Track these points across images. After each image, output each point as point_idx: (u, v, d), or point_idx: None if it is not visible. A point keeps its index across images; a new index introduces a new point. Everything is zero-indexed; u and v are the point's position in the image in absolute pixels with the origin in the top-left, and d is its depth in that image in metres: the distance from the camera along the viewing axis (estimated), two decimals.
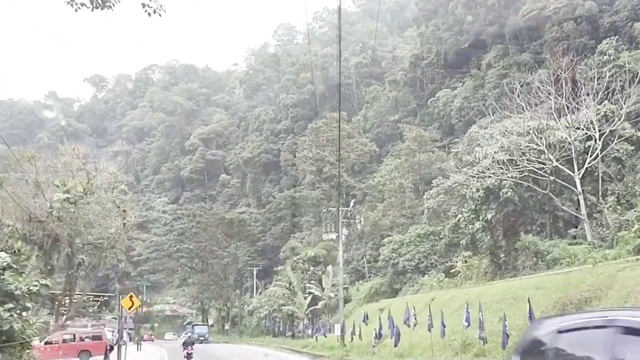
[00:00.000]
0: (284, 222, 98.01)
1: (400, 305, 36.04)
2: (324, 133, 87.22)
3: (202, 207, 70.42)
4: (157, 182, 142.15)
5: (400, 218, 66.28)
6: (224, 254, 65.22)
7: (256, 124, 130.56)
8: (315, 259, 55.15)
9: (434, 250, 47.37)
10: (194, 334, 59.63)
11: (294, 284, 51.58)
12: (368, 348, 27.56)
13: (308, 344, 36.82)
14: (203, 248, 65.92)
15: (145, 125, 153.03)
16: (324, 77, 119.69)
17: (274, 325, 52.64)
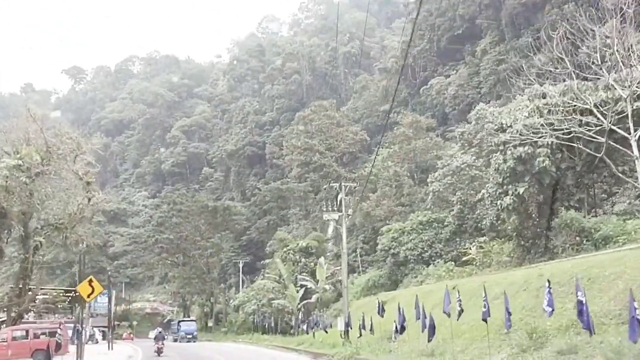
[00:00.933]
0: (270, 216, 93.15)
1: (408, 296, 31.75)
2: (313, 121, 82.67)
3: (184, 195, 65.12)
4: (137, 175, 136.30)
5: (396, 207, 62.08)
6: (207, 244, 59.97)
7: (240, 115, 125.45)
8: (307, 249, 50.57)
9: (438, 239, 43.08)
10: (180, 332, 54.65)
11: (285, 276, 46.92)
12: (381, 344, 23.09)
13: (304, 341, 32.23)
14: (184, 239, 60.63)
15: (125, 117, 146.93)
16: (311, 67, 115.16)
17: (263, 321, 47.72)
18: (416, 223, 44.67)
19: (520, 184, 24.28)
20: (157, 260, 68.65)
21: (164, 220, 63.02)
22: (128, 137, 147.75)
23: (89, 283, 17.69)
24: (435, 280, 36.31)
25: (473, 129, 42.60)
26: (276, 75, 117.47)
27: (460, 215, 41.60)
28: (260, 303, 46.03)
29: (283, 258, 50.22)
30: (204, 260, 60.56)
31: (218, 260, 65.83)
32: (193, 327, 57.08)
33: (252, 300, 47.61)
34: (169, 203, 63.07)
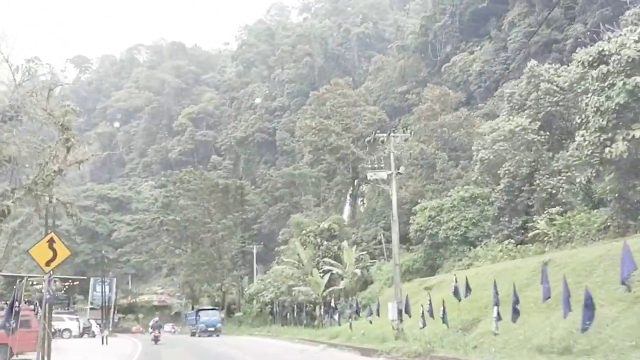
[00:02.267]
0: (282, 203, 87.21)
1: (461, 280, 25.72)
2: (328, 101, 76.42)
3: (191, 172, 59.10)
4: (144, 165, 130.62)
5: (424, 187, 56.03)
6: (218, 226, 53.63)
7: (249, 101, 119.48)
8: (329, 231, 44.53)
9: (484, 216, 36.94)
10: (200, 324, 44.64)
11: (305, 261, 40.90)
12: (456, 337, 17.05)
13: (338, 333, 26.13)
14: (192, 221, 54.35)
15: (130, 106, 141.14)
16: (323, 48, 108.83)
17: (282, 312, 41.56)
18: (457, 199, 38.57)
19: (635, 125, 18.04)
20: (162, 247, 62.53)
21: (169, 201, 56.88)
22: (134, 127, 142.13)
23: (48, 244, 11.74)
24: (491, 262, 30.23)
25: (525, 89, 36.34)
26: (287, 58, 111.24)
27: (510, 189, 35.43)
28: (278, 291, 40.01)
29: (302, 241, 44.16)
30: (214, 245, 54.37)
31: (230, 245, 59.63)
32: (216, 317, 46.46)
33: (268, 288, 41.54)
34: (175, 182, 56.91)
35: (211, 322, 44.79)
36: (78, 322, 33.72)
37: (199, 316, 46.59)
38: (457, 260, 35.47)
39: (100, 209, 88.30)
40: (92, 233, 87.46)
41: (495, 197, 36.47)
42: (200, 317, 46.26)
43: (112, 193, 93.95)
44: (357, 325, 26.32)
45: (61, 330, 31.91)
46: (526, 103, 35.76)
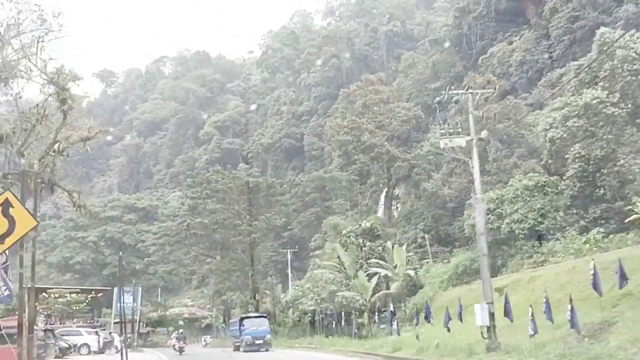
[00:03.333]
0: (313, 208, 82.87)
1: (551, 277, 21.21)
2: (359, 98, 72.09)
3: (218, 171, 55.01)
4: (171, 175, 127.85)
5: (469, 183, 51.06)
6: (250, 229, 49.12)
7: (275, 107, 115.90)
8: (371, 231, 39.90)
9: (554, 206, 31.92)
10: (245, 335, 36.49)
11: (347, 263, 36.35)
12: (583, 348, 12.28)
13: (402, 344, 21.36)
14: (221, 223, 49.95)
15: (156, 117, 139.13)
16: (349, 49, 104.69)
17: (324, 320, 36.64)
18: (520, 189, 33.64)
19: None
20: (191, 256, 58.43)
21: (196, 203, 52.68)
22: (160, 138, 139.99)
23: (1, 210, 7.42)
24: (574, 256, 25.27)
25: (597, 59, 31.39)
26: (313, 61, 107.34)
27: (583, 174, 30.45)
28: (319, 297, 35.46)
29: (343, 243, 39.59)
30: (245, 250, 49.91)
31: (262, 249, 55.13)
32: (265, 326, 37.47)
33: (307, 294, 36.95)
34: (202, 183, 52.79)
35: (259, 333, 36.40)
36: (98, 337, 29.88)
37: (243, 325, 37.73)
38: (527, 257, 30.53)
39: (127, 219, 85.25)
40: (120, 244, 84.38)
41: (565, 185, 31.50)
42: (245, 326, 37.43)
43: (138, 203, 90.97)
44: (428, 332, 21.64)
45: (78, 346, 28.05)
46: (599, 75, 30.84)
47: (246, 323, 37.97)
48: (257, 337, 35.94)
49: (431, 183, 56.68)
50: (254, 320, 38.60)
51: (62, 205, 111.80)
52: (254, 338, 35.89)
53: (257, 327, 37.10)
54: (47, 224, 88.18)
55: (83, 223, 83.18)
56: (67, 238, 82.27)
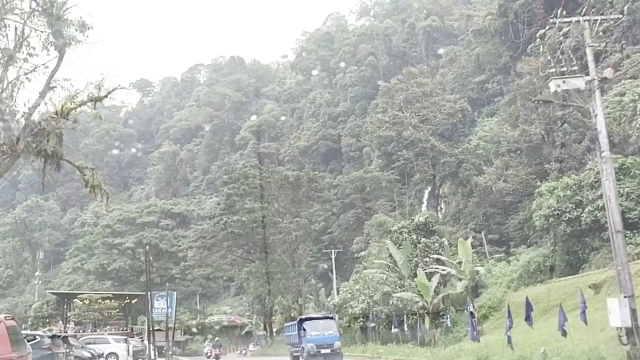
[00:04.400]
0: (354, 209, 78.73)
1: None
2: (400, 93, 67.97)
3: (256, 166, 51.58)
4: (207, 182, 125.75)
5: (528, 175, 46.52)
6: (291, 226, 45.14)
7: (311, 109, 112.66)
8: (426, 226, 35.61)
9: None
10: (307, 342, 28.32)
11: (401, 262, 32.18)
12: None
13: (486, 354, 17.07)
14: (260, 222, 46.19)
15: (192, 124, 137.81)
16: (386, 46, 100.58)
17: (377, 326, 31.94)
18: None
19: None
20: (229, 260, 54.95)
21: (233, 201, 49.12)
22: (197, 145, 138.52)
23: None
24: None
25: None
26: (349, 60, 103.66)
27: None
28: (371, 300, 31.26)
29: (395, 239, 35.38)
30: (287, 251, 46.02)
31: (305, 248, 51.07)
32: (332, 330, 29.31)
33: (358, 297, 32.71)
34: (239, 179, 49.22)
35: (325, 339, 28.22)
36: (127, 345, 26.59)
37: (304, 330, 29.13)
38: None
39: (163, 225, 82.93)
40: (157, 250, 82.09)
41: None
42: (307, 331, 28.92)
43: (175, 208, 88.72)
44: (526, 338, 17.32)
45: (104, 355, 24.79)
46: None
47: (308, 326, 29.24)
48: (322, 344, 27.86)
49: (484, 177, 51.94)
50: (317, 323, 29.73)
51: (101, 214, 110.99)
52: (319, 346, 27.73)
53: (323, 332, 28.75)
54: (84, 231, 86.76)
55: (120, 229, 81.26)
56: (104, 245, 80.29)
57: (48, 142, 13.48)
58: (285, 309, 45.34)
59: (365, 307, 31.22)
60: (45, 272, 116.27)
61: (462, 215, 64.20)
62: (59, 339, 16.88)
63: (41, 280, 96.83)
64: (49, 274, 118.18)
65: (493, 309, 29.75)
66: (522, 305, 28.61)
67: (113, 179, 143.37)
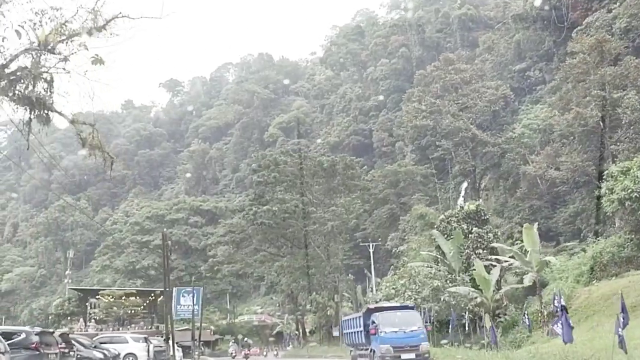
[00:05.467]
0: (387, 205, 74.96)
1: None
2: (437, 80, 64.04)
3: (287, 152, 48.33)
4: (237, 180, 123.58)
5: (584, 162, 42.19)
6: (326, 216, 41.28)
7: (342, 104, 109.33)
8: (477, 215, 31.79)
9: None
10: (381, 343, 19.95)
11: (451, 254, 28.51)
12: None
13: None
14: (292, 212, 42.47)
15: (221, 122, 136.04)
16: (419, 37, 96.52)
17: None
18: None
19: None
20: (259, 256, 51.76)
21: (263, 190, 45.71)
22: (226, 144, 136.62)
23: None
24: None
25: None
26: (380, 52, 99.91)
27: None
28: (419, 296, 27.55)
29: (442, 230, 31.63)
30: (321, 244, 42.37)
31: (342, 240, 47.15)
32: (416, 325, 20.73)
33: (403, 293, 28.91)
34: (269, 165, 45.69)
35: (407, 338, 19.73)
36: (147, 344, 23.61)
37: (377, 324, 20.49)
38: None
39: (192, 222, 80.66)
40: (186, 248, 79.89)
41: None
42: (380, 326, 20.28)
43: (204, 205, 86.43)
44: None
45: (121, 356, 21.86)
46: None
47: (381, 320, 20.31)
48: (403, 346, 19.27)
49: (533, 166, 47.73)
50: (394, 316, 20.80)
51: (132, 212, 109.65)
52: (398, 349, 19.19)
53: (403, 328, 19.86)
54: (113, 228, 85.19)
55: (149, 226, 79.28)
56: (133, 243, 78.33)
57: (34, 87, 10.50)
58: (320, 307, 41.82)
59: (413, 305, 27.57)
60: (77, 272, 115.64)
61: (505, 209, 59.99)
62: (51, 336, 13.91)
63: (72, 280, 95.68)
64: (81, 273, 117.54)
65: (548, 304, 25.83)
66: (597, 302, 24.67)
67: (143, 179, 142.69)
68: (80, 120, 11.88)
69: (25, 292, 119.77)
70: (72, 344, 15.53)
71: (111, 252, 79.62)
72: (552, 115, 50.67)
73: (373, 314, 21.47)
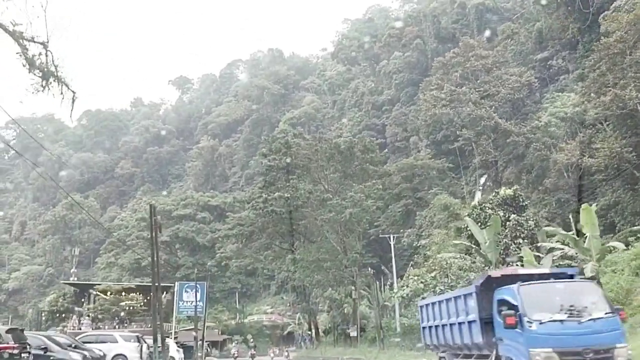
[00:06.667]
0: (403, 200, 71.25)
1: None
2: (457, 67, 60.36)
3: (300, 135, 44.71)
4: (246, 177, 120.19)
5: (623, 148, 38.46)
6: (344, 203, 37.38)
7: (354, 98, 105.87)
8: (514, 201, 28.17)
9: None
10: (538, 343, 9.90)
11: (486, 244, 24.92)
12: None
13: None
14: (306, 200, 38.55)
15: (231, 119, 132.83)
16: (435, 28, 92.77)
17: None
18: None
19: None
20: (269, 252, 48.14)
21: (274, 178, 41.97)
22: (235, 141, 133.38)
23: None
24: None
25: None
26: (394, 44, 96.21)
27: None
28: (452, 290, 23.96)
29: (475, 217, 28.00)
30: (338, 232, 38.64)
31: (361, 231, 43.25)
32: (599, 307, 10.49)
33: (434, 287, 25.07)
34: (280, 149, 41.92)
35: (587, 334, 9.99)
36: (139, 344, 20.27)
37: (521, 304, 10.57)
38: None
39: (200, 218, 77.46)
40: (194, 245, 76.60)
41: None
42: (528, 310, 10.44)
43: (212, 201, 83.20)
44: None
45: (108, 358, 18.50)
46: None
47: (527, 297, 10.71)
48: (579, 350, 9.94)
49: (564, 154, 43.92)
50: (553, 290, 11.18)
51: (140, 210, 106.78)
52: (573, 356, 10.01)
53: (575, 313, 10.29)
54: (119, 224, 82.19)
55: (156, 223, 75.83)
56: (138, 239, 75.16)
57: None
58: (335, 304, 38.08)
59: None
60: (85, 270, 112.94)
61: (531, 203, 56.27)
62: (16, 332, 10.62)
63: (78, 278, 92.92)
64: (88, 272, 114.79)
65: (617, 302, 21.97)
66: None
67: (152, 177, 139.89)
68: (26, 36, 8.50)
69: (33, 291, 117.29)
70: (26, 342, 12.28)
71: (116, 248, 76.57)
72: (584, 101, 46.89)
73: (502, 288, 11.59)
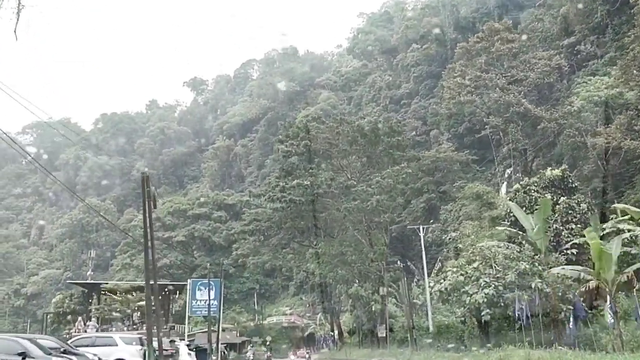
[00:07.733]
0: (427, 194, 68.09)
1: None
2: (481, 53, 56.98)
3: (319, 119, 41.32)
4: (262, 176, 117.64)
5: None
6: (370, 190, 33.69)
7: (370, 93, 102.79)
8: (563, 182, 24.93)
9: None
10: None
11: (534, 231, 21.71)
12: None
13: None
14: (327, 189, 35.27)
15: (246, 118, 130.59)
16: (454, 18, 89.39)
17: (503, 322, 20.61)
18: None
19: None
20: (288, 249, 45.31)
21: (291, 165, 38.94)
22: (250, 140, 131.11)
23: None
24: None
25: None
26: (412, 36, 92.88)
27: None
28: (500, 283, 20.57)
29: (520, 201, 24.79)
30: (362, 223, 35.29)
31: (388, 220, 39.66)
32: None
33: (477, 279, 21.79)
34: (297, 134, 38.88)
35: None
36: (141, 347, 17.68)
37: None
38: None
39: (216, 217, 75.06)
40: (210, 244, 74.21)
41: None
42: None
43: (228, 199, 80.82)
44: None
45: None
46: None
47: None
48: None
49: (604, 137, 40.41)
50: None
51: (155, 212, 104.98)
52: None
53: None
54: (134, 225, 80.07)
55: (171, 222, 73.87)
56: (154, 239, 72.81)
57: None
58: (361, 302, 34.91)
59: (493, 293, 20.57)
60: (103, 274, 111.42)
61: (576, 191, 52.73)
62: None
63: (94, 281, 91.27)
64: (106, 275, 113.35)
65: None
66: None
67: (168, 178, 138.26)
68: None
69: (51, 295, 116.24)
70: None
71: (132, 249, 74.47)
72: (621, 82, 43.34)
73: None
